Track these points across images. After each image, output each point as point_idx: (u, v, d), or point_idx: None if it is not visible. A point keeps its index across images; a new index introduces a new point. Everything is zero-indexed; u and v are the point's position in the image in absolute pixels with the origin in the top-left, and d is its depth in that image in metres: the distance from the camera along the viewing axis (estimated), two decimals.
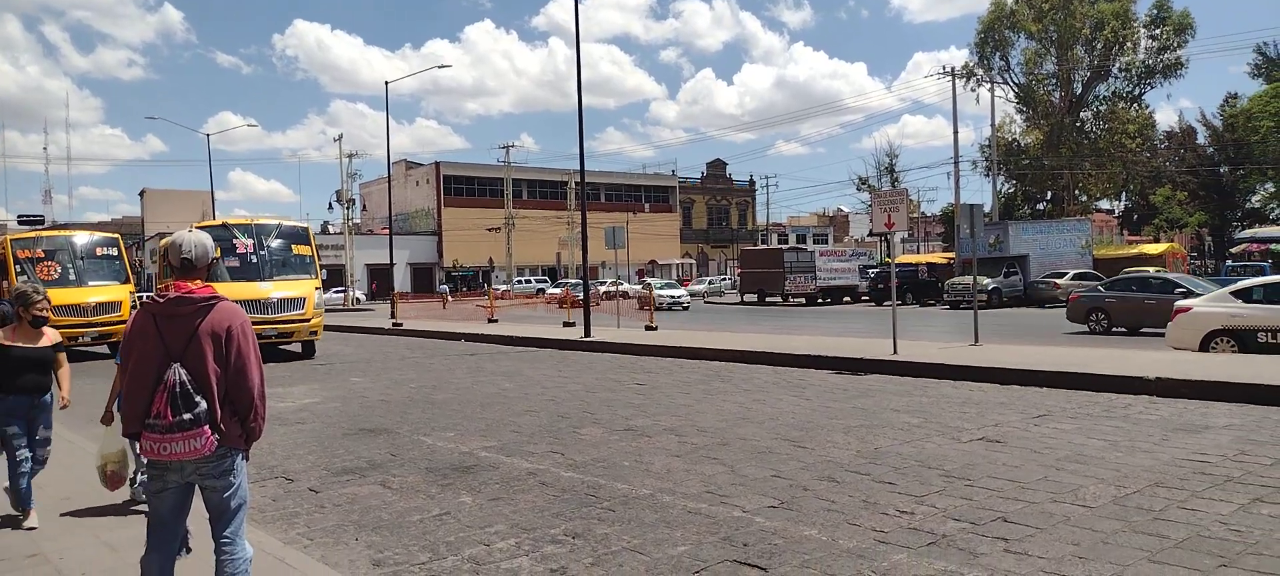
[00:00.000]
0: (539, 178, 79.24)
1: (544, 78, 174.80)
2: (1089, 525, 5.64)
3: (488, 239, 71.24)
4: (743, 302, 48.32)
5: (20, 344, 6.24)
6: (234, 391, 3.81)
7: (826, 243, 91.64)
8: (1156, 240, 56.11)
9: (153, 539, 3.88)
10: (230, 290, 16.27)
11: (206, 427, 3.68)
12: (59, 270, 21.10)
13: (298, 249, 20.48)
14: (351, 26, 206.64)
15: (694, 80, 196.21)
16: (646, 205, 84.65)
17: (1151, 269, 34.47)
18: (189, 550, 4.52)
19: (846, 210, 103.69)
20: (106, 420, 5.73)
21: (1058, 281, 35.76)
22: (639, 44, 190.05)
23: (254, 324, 9.46)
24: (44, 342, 6.37)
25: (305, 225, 21.51)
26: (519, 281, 66.90)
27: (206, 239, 4.10)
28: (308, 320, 19.84)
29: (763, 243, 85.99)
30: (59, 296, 18.59)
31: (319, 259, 20.95)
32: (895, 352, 15.06)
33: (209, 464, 3.79)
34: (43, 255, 21.55)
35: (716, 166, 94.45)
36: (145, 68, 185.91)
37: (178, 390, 3.65)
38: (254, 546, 5.46)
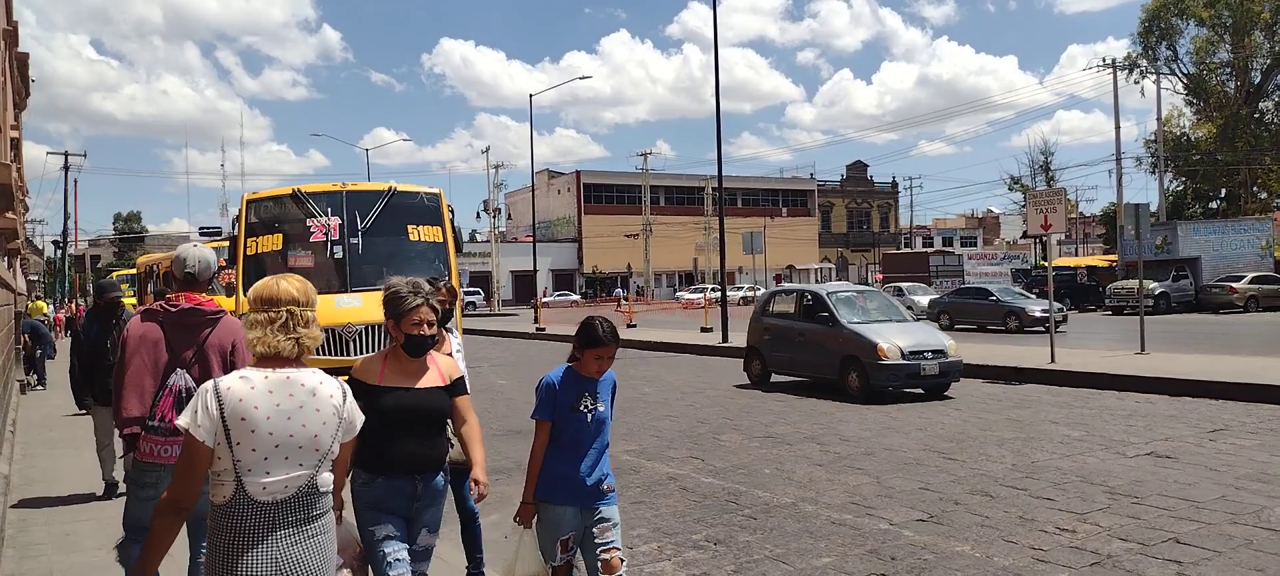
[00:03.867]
0: (676, 184, 79.70)
1: (679, 84, 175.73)
2: (1275, 549, 5.20)
3: (626, 245, 72.21)
4: None
5: (396, 384, 3.48)
6: None
7: (975, 245, 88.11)
8: None
9: (134, 540, 3.87)
10: None
11: None
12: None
13: (418, 232, 11.77)
14: (494, 42, 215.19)
15: (832, 81, 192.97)
16: (784, 209, 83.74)
17: None
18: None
19: (996, 211, 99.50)
20: (524, 518, 3.77)
21: (1234, 285, 33.13)
22: (775, 46, 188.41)
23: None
24: (432, 381, 3.57)
25: (434, 191, 12.28)
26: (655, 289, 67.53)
27: (209, 254, 4.16)
28: None
29: (906, 246, 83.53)
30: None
31: (455, 243, 11.90)
32: (1053, 361, 14.32)
33: None
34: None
35: (856, 168, 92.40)
36: (308, 88, 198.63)
37: (184, 396, 3.71)
38: None
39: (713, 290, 42.26)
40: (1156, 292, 33.20)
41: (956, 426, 9.84)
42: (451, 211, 12.29)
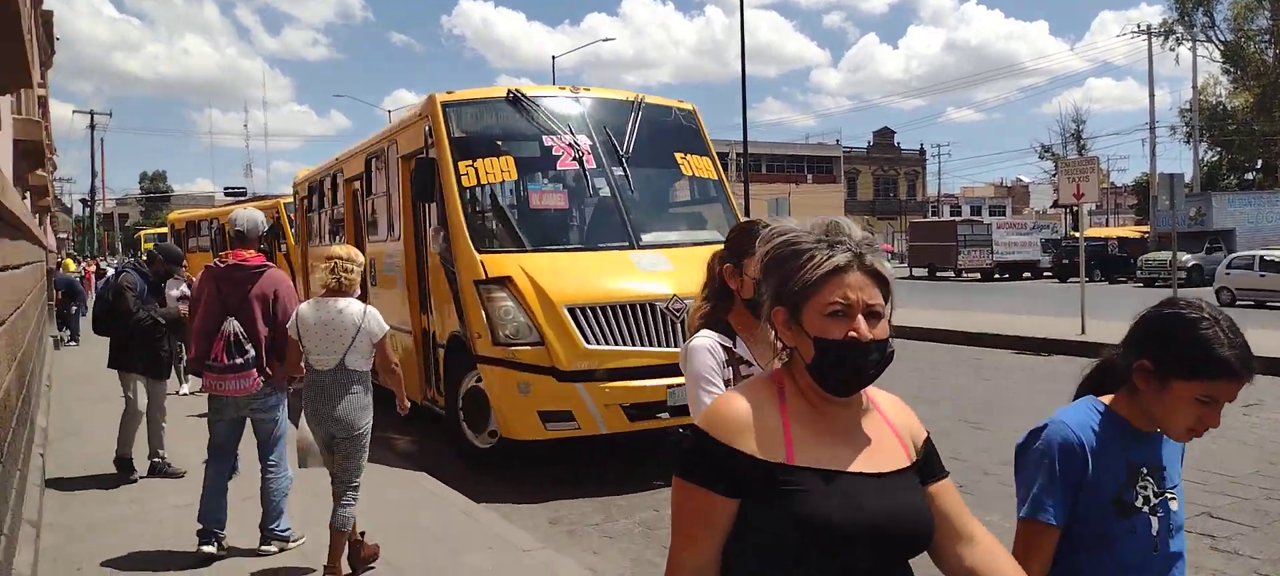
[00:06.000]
0: None
1: (702, 47, 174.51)
2: None
3: None
4: (912, 277, 46.70)
5: (826, 465, 1.43)
6: (279, 344, 4.68)
7: (1004, 214, 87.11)
8: None
9: (211, 456, 4.87)
10: (552, 274, 6.61)
11: (254, 371, 4.63)
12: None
13: (689, 162, 8.34)
14: (513, 3, 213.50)
15: (857, 46, 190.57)
16: (809, 176, 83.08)
17: None
18: (237, 471, 5.25)
19: (1026, 180, 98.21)
20: None
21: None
22: (799, 8, 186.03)
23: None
24: (885, 456, 1.54)
25: (687, 106, 8.89)
26: None
27: (257, 216, 4.92)
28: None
29: (933, 214, 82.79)
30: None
31: (730, 187, 8.85)
32: (1083, 332, 14.15)
33: (256, 399, 4.73)
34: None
35: (883, 135, 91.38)
36: (328, 47, 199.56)
37: (232, 340, 4.58)
38: (446, 504, 5.80)
39: None
40: (1190, 265, 32.69)
41: (985, 396, 9.78)
42: None
